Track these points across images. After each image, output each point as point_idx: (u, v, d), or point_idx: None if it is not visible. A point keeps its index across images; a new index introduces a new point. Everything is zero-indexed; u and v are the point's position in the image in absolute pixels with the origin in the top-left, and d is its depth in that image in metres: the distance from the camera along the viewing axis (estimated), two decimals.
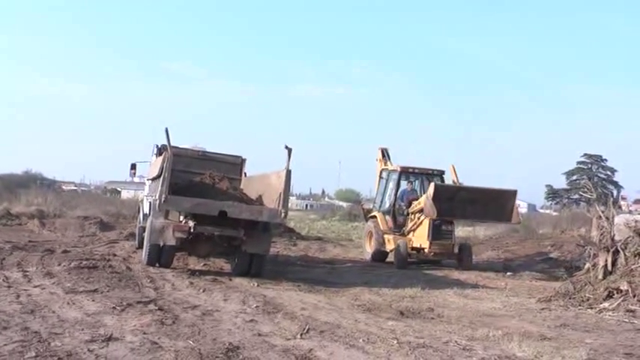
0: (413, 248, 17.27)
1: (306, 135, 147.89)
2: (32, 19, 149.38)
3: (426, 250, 16.94)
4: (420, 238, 17.13)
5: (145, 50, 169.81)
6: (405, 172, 19.10)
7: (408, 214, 18.08)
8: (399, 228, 18.35)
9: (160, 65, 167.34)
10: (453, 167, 18.86)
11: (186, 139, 15.65)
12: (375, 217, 19.11)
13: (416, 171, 19.35)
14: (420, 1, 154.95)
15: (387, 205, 19.17)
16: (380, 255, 18.41)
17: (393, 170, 19.26)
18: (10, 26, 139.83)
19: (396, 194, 18.70)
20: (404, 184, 18.92)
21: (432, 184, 16.36)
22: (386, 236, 18.25)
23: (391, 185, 19.20)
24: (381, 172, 19.95)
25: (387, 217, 18.73)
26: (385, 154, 20.29)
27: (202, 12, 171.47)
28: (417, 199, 17.86)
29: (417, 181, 19.43)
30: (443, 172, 19.16)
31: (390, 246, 17.99)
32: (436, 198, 15.92)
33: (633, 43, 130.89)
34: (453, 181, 18.35)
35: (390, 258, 18.00)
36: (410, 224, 17.79)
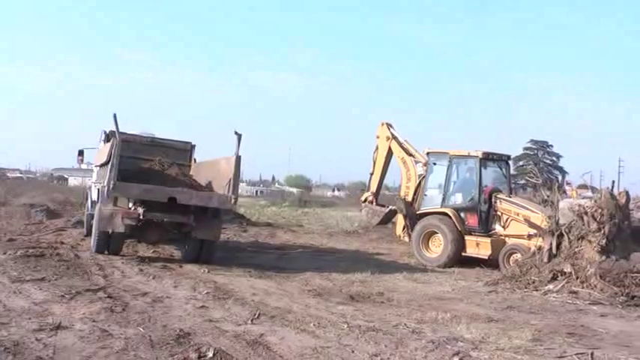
0: None
1: (256, 121, 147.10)
2: None
3: None
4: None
5: (94, 37, 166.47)
6: (486, 159, 15.90)
7: (490, 210, 15.39)
8: (484, 227, 15.34)
9: (112, 52, 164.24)
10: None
11: (134, 125, 15.30)
12: (444, 213, 15.56)
13: (495, 157, 16.25)
14: None
15: (459, 199, 15.88)
16: (457, 259, 15.15)
17: (468, 156, 15.87)
18: None
19: (480, 186, 15.44)
20: (459, 171, 16.20)
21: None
22: (469, 238, 15.22)
23: (467, 175, 16.13)
24: (428, 156, 16.57)
25: (466, 215, 15.54)
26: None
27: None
28: (500, 191, 15.60)
29: (491, 169, 16.36)
30: (510, 157, 16.90)
31: (483, 250, 14.88)
32: None
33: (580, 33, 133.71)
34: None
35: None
36: (512, 228, 14.86)
